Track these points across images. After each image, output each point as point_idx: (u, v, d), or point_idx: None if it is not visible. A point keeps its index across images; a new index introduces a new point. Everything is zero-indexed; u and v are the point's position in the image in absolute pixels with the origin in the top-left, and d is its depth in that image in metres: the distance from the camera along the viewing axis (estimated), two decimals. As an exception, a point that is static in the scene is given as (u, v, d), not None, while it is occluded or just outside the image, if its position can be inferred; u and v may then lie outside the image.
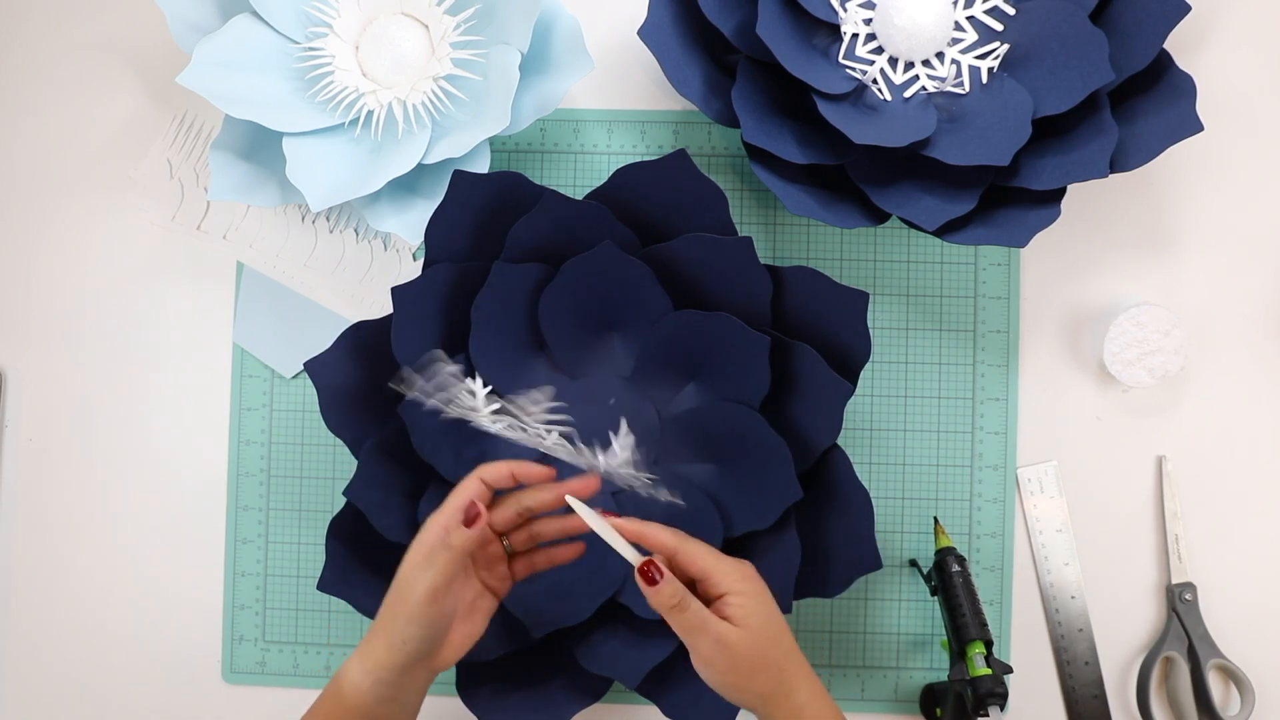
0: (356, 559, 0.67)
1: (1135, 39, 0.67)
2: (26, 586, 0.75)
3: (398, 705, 0.58)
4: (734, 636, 0.55)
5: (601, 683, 0.66)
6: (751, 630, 0.55)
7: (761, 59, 0.67)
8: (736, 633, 0.55)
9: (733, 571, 0.56)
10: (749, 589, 0.56)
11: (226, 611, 0.74)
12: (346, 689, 0.57)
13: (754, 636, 0.55)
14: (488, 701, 0.66)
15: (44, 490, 0.75)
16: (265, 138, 0.71)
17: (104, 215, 0.76)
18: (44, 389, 0.76)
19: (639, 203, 0.66)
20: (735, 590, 0.56)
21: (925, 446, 0.73)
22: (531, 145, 0.75)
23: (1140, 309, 0.69)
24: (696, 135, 0.74)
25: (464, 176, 0.65)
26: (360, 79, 0.72)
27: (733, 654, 0.55)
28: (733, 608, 0.55)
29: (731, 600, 0.56)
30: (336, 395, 0.67)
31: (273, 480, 0.74)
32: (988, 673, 0.63)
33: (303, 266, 0.75)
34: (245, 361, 0.75)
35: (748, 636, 0.55)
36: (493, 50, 0.69)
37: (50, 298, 0.76)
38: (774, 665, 0.56)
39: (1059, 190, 0.66)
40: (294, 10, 0.71)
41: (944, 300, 0.73)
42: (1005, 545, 0.72)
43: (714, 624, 0.55)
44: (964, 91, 0.70)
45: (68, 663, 0.75)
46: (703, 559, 0.57)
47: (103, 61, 0.76)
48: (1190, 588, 0.71)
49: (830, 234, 0.73)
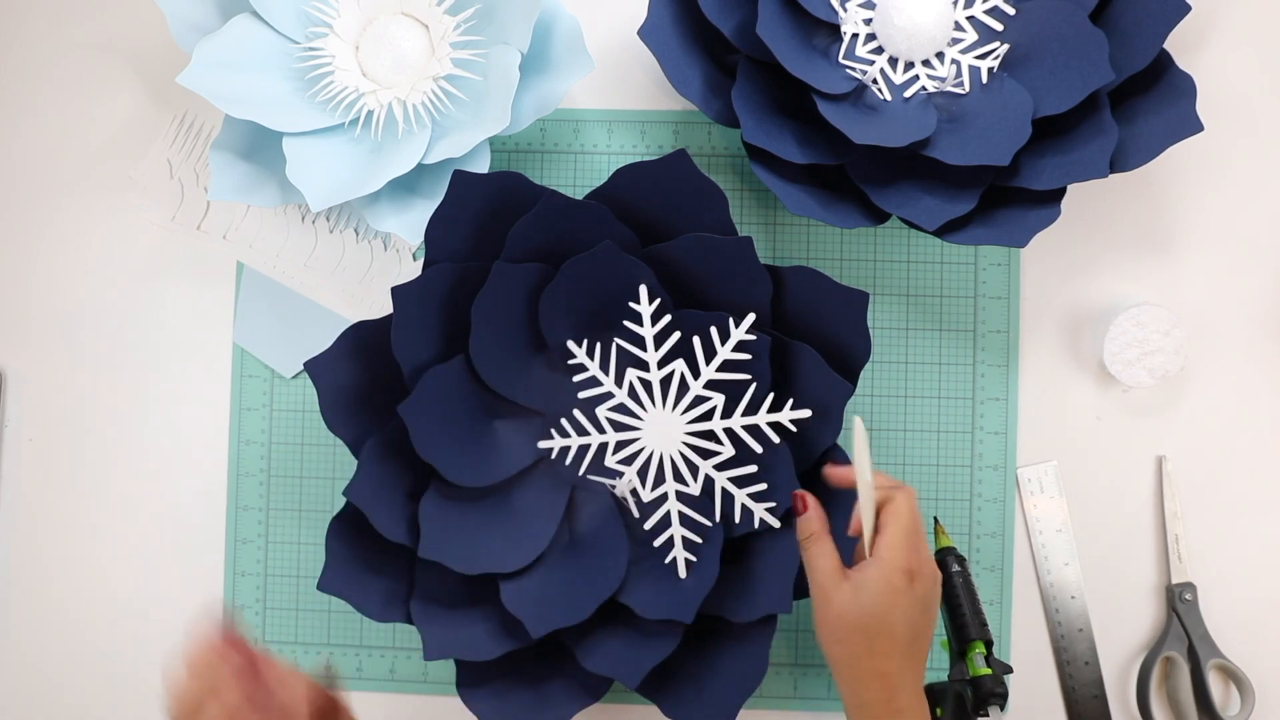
0: (356, 559, 0.67)
1: (1135, 39, 0.66)
2: (26, 585, 0.75)
3: None
4: (826, 595, 0.56)
5: (601, 683, 0.66)
6: (853, 601, 0.55)
7: (761, 59, 0.67)
8: (834, 591, 0.56)
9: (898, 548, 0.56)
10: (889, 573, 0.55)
11: (226, 611, 0.74)
12: None
13: (845, 606, 0.55)
14: (488, 701, 0.66)
15: (44, 490, 0.75)
16: (265, 138, 0.71)
17: (104, 215, 0.76)
18: (44, 389, 0.76)
19: (639, 203, 0.66)
20: (878, 560, 0.56)
21: (925, 446, 0.73)
22: (531, 145, 0.75)
23: (1140, 309, 0.69)
24: (696, 135, 0.74)
25: (464, 176, 0.65)
26: (360, 79, 0.72)
27: (822, 607, 0.56)
28: (863, 571, 0.56)
29: (868, 565, 0.56)
30: (336, 395, 0.67)
31: (273, 480, 0.74)
32: (988, 673, 0.63)
33: (303, 266, 0.75)
34: (245, 361, 0.75)
35: (840, 602, 0.56)
36: (493, 50, 0.69)
37: (50, 298, 0.76)
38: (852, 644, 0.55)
39: (1059, 190, 0.66)
40: (294, 10, 0.71)
41: (944, 300, 0.73)
42: (1005, 545, 0.72)
43: (821, 573, 0.57)
44: (964, 91, 0.70)
45: (67, 662, 0.75)
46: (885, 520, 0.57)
47: (103, 61, 0.76)
48: (1190, 588, 0.71)
49: (830, 234, 0.73)
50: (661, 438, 0.67)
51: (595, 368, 0.67)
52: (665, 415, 0.67)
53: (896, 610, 0.55)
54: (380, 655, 0.74)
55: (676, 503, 0.66)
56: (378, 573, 0.67)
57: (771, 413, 0.65)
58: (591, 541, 0.67)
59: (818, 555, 0.57)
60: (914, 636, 0.56)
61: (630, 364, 0.67)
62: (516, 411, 0.68)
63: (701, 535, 0.66)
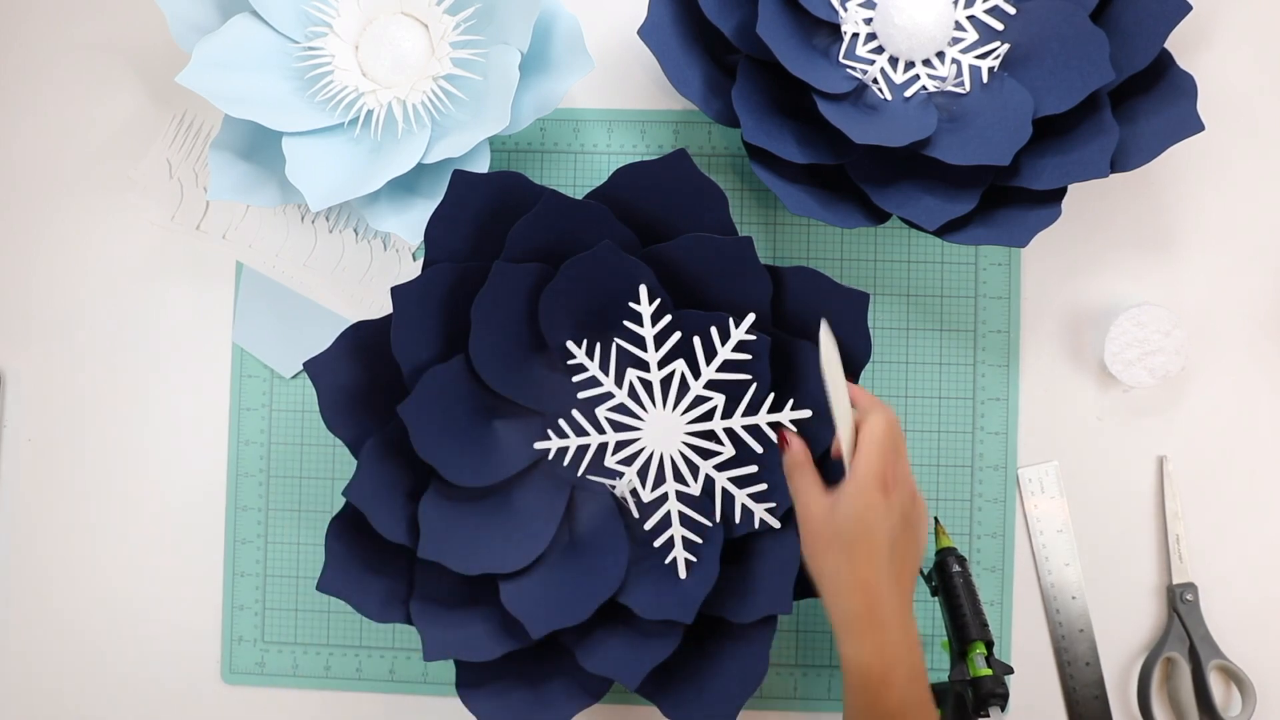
0: (356, 559, 0.67)
1: (1136, 38, 0.66)
2: (25, 586, 0.75)
3: None
4: (808, 511, 0.58)
5: (601, 683, 0.66)
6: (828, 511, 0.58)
7: (762, 59, 0.67)
8: (815, 507, 0.58)
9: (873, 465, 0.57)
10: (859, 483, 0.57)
11: (225, 612, 0.74)
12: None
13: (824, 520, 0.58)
14: (488, 701, 0.66)
15: (43, 490, 0.75)
16: (265, 137, 0.71)
17: (103, 215, 0.76)
18: (44, 389, 0.76)
19: (639, 203, 0.66)
20: (850, 474, 0.57)
21: (926, 447, 0.72)
22: (531, 145, 0.75)
23: (1141, 309, 0.69)
24: (696, 135, 0.74)
25: (464, 176, 0.65)
26: (360, 79, 0.72)
27: (804, 525, 0.59)
28: (838, 487, 0.58)
29: (843, 483, 0.58)
30: (336, 395, 0.66)
31: (272, 480, 0.74)
32: (988, 673, 0.63)
33: (302, 266, 0.75)
34: (245, 361, 0.75)
35: (819, 517, 0.58)
36: (493, 50, 0.69)
37: (50, 298, 0.76)
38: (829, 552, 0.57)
39: (1059, 190, 0.66)
40: (293, 10, 0.71)
41: (944, 300, 0.73)
42: (1006, 546, 0.72)
43: (803, 493, 0.59)
44: (964, 91, 0.70)
45: (66, 662, 0.75)
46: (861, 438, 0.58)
47: (102, 61, 0.76)
48: (1191, 588, 0.71)
49: (830, 234, 0.73)
50: (662, 438, 0.67)
51: (595, 368, 0.67)
52: (666, 415, 0.67)
53: (872, 518, 0.57)
54: (380, 656, 0.74)
55: (677, 503, 0.66)
56: (377, 573, 0.67)
57: (772, 413, 0.65)
58: (591, 542, 0.67)
59: (800, 480, 0.60)
60: (893, 545, 0.57)
61: (630, 364, 0.67)
62: (516, 411, 0.68)
63: (702, 535, 0.66)
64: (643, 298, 0.65)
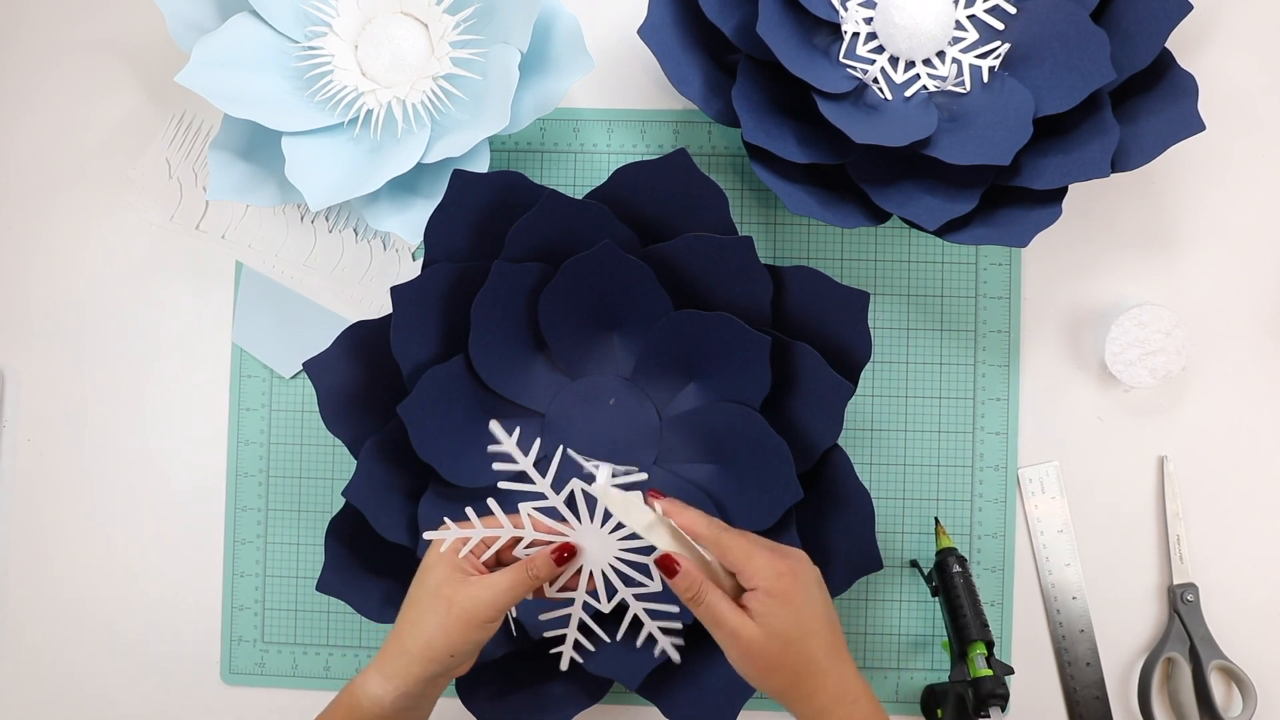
0: (356, 559, 0.67)
1: (1137, 38, 0.66)
2: (25, 586, 0.75)
3: (418, 713, 0.58)
4: (747, 633, 0.55)
5: (601, 683, 0.66)
6: (768, 631, 0.55)
7: (762, 58, 0.67)
8: (750, 629, 0.55)
9: (766, 569, 0.55)
10: (778, 588, 0.55)
11: (225, 612, 0.74)
12: (365, 703, 0.57)
13: (768, 638, 0.55)
14: (488, 702, 0.66)
15: (43, 490, 0.75)
16: (264, 137, 0.71)
17: (102, 215, 0.76)
18: (43, 389, 0.76)
19: (639, 202, 0.66)
20: (763, 589, 0.55)
21: (926, 447, 0.72)
22: (531, 145, 0.74)
23: (1142, 309, 0.69)
24: (696, 135, 0.74)
25: (463, 176, 0.65)
26: (359, 78, 0.72)
27: (745, 649, 0.55)
28: (755, 604, 0.55)
29: (756, 598, 0.55)
30: (336, 395, 0.66)
31: (272, 481, 0.74)
32: (989, 673, 0.63)
33: (302, 266, 0.74)
34: (244, 362, 0.75)
35: (761, 636, 0.55)
36: (492, 50, 0.69)
37: (49, 298, 0.76)
38: (789, 669, 0.55)
39: (1060, 190, 0.66)
40: (293, 9, 0.71)
41: (945, 300, 0.73)
42: (1006, 546, 0.72)
43: (729, 618, 0.55)
44: (965, 91, 0.70)
45: (66, 663, 0.75)
46: (735, 552, 0.56)
47: (101, 61, 0.76)
48: (1192, 588, 0.71)
49: (830, 234, 0.73)
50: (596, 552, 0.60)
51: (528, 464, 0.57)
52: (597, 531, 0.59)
53: (804, 613, 0.55)
54: (380, 656, 0.74)
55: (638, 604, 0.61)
56: (376, 573, 0.67)
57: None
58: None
59: (714, 602, 0.55)
60: (829, 620, 0.56)
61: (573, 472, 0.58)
62: (516, 411, 0.68)
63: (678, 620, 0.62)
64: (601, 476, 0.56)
